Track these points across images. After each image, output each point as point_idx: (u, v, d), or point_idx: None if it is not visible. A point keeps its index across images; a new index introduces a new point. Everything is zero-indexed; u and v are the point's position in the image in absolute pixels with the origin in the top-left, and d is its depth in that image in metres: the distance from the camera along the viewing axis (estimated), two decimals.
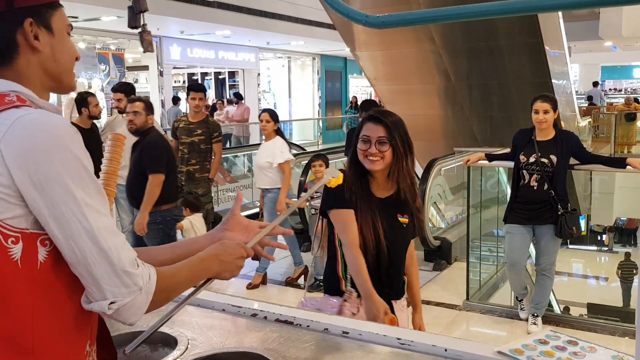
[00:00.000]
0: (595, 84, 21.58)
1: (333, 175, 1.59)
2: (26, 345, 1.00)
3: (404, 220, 2.19)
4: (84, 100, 5.54)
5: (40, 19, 1.09)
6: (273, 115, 5.28)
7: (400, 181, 2.16)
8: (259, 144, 6.24)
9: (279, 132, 5.34)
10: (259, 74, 18.76)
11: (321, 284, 2.84)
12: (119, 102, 5.35)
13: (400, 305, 2.28)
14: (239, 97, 14.42)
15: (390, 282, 2.22)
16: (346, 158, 3.17)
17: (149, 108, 4.40)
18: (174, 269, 1.16)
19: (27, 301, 1.00)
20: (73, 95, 12.07)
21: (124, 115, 4.83)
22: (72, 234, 0.98)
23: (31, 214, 0.99)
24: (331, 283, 2.26)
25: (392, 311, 2.17)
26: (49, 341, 1.03)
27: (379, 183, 2.20)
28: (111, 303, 1.01)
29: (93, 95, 5.81)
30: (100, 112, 5.70)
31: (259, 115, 5.61)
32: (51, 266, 1.02)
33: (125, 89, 5.44)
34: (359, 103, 19.03)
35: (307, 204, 5.86)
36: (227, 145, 12.84)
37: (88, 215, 0.99)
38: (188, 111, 5.63)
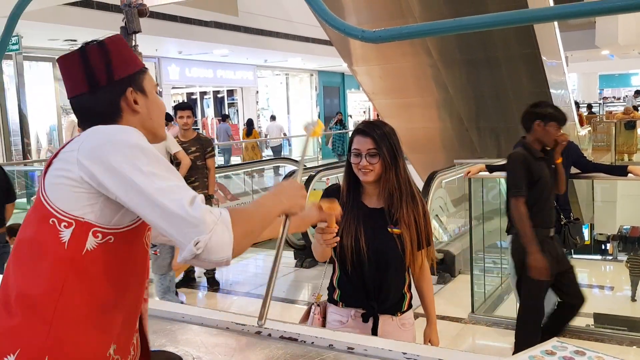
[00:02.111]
0: (637, 93, 21.55)
1: (313, 125, 1.66)
2: (46, 316, 1.15)
3: (396, 231, 2.15)
4: None
5: (137, 85, 1.31)
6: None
7: (391, 191, 2.16)
8: (253, 162, 6.27)
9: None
10: (257, 92, 18.85)
11: None
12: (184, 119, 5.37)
13: (400, 322, 2.23)
14: (168, 119, 13.25)
15: (379, 295, 2.18)
16: None
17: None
18: (244, 206, 1.28)
19: (60, 276, 1.16)
20: (73, 117, 12.15)
21: None
22: (139, 201, 1.13)
23: (91, 206, 1.17)
24: (329, 292, 2.29)
25: (376, 327, 2.17)
26: (69, 322, 1.17)
27: (369, 193, 2.22)
28: (196, 245, 1.09)
29: None
30: None
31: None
32: (95, 257, 1.19)
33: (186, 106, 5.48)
34: (343, 120, 19.21)
35: None
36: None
37: (145, 183, 1.13)
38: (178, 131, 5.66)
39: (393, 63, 8.54)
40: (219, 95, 19.06)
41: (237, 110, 18.62)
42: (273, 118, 18.26)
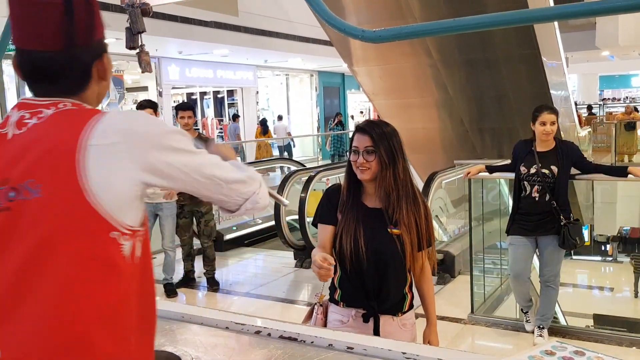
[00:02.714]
0: None
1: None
2: (116, 331, 1.05)
3: (395, 232, 2.16)
4: None
5: (106, 51, 1.19)
6: None
7: (388, 191, 2.16)
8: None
9: None
10: (257, 92, 18.85)
11: None
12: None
13: (401, 322, 2.24)
14: (153, 107, 12.85)
15: (379, 295, 2.19)
16: None
17: None
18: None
19: (125, 292, 1.08)
20: None
21: None
22: (195, 179, 1.13)
23: (137, 212, 1.09)
24: (331, 292, 2.30)
25: (377, 327, 2.18)
26: (128, 331, 1.09)
27: (369, 193, 2.23)
28: (253, 195, 1.22)
29: None
30: None
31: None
32: (141, 260, 1.12)
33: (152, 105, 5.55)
34: (342, 121, 19.39)
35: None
36: None
37: (195, 163, 1.13)
38: None
39: (393, 63, 8.54)
40: (219, 96, 19.06)
41: (237, 111, 18.63)
42: (280, 118, 18.39)
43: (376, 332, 2.19)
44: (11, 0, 1.10)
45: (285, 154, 16.59)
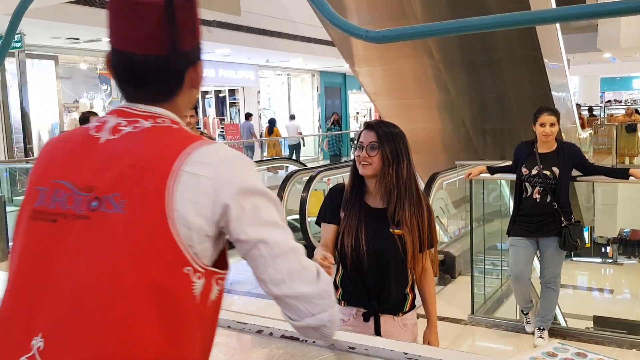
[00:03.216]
0: None
1: None
2: None
3: (397, 232, 2.17)
4: (85, 120, 5.56)
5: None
6: None
7: (389, 188, 2.16)
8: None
9: None
10: (259, 92, 18.86)
11: None
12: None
13: (402, 322, 2.24)
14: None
15: (380, 295, 2.20)
16: None
17: None
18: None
19: (195, 334, 1.00)
20: (75, 115, 12.16)
21: None
22: (279, 253, 1.03)
23: (214, 251, 1.03)
24: None
25: (378, 327, 2.19)
26: None
27: (371, 192, 2.24)
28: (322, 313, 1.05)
29: (95, 114, 5.80)
30: None
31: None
32: (215, 305, 1.04)
33: None
34: (340, 121, 19.58)
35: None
36: None
37: (288, 236, 1.04)
38: None
39: (395, 64, 8.54)
40: (221, 95, 19.06)
41: (238, 110, 18.63)
42: (292, 117, 18.48)
43: (377, 332, 2.20)
44: (112, 1, 1.06)
45: (294, 153, 17.11)
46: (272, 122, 17.03)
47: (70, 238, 0.98)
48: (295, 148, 17.37)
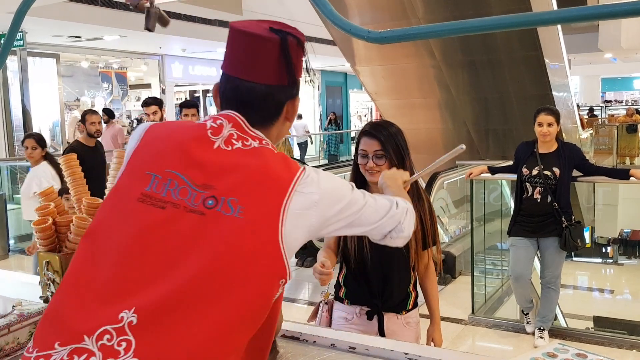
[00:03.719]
0: None
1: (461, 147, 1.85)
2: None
3: None
4: (82, 117, 5.53)
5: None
6: (40, 140, 5.03)
7: None
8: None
9: (47, 157, 5.04)
10: None
11: None
12: (154, 114, 5.30)
13: (405, 320, 2.25)
14: (109, 115, 9.31)
15: (383, 293, 2.21)
16: None
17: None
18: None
19: (255, 327, 1.08)
20: (76, 114, 12.16)
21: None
22: (366, 221, 1.24)
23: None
24: (336, 290, 2.32)
25: (382, 325, 2.20)
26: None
27: (374, 192, 2.23)
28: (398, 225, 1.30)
29: (94, 113, 5.69)
30: (98, 130, 5.53)
31: (22, 142, 5.21)
32: (277, 303, 1.12)
33: (157, 102, 5.43)
34: (338, 120, 19.75)
35: None
36: None
37: (365, 207, 1.23)
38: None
39: (396, 64, 8.54)
40: None
41: None
42: (300, 117, 18.52)
43: (380, 330, 2.21)
44: (233, 32, 1.17)
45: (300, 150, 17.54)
46: None
47: (183, 228, 1.03)
48: (303, 146, 17.66)
